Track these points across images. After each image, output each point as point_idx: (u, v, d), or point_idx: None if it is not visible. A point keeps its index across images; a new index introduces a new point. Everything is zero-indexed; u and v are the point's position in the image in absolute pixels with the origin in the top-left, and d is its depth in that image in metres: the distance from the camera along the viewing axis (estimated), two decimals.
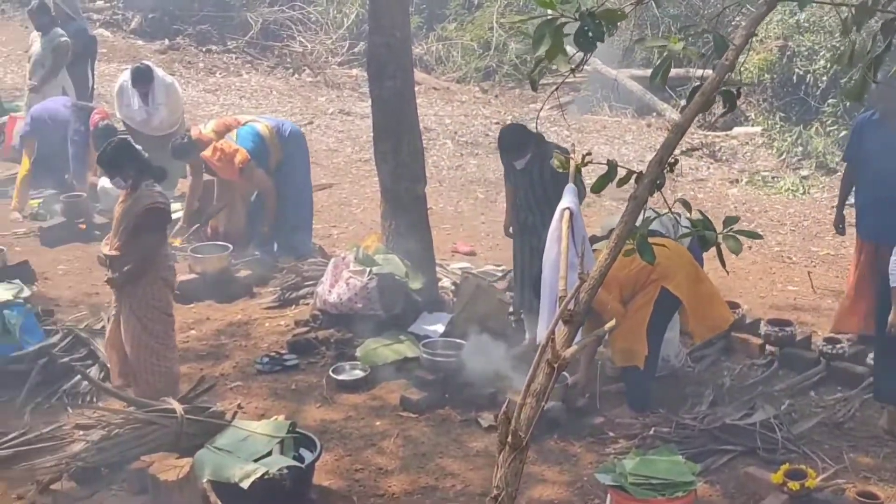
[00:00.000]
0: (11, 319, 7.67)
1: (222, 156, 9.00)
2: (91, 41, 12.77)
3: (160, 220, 6.76)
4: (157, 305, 6.84)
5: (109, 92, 14.57)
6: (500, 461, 2.97)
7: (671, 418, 6.57)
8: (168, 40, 17.48)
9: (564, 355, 2.91)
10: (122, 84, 10.88)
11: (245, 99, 15.27)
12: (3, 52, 16.79)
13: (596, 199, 11.12)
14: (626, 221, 2.95)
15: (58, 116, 10.61)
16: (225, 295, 8.92)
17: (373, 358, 7.47)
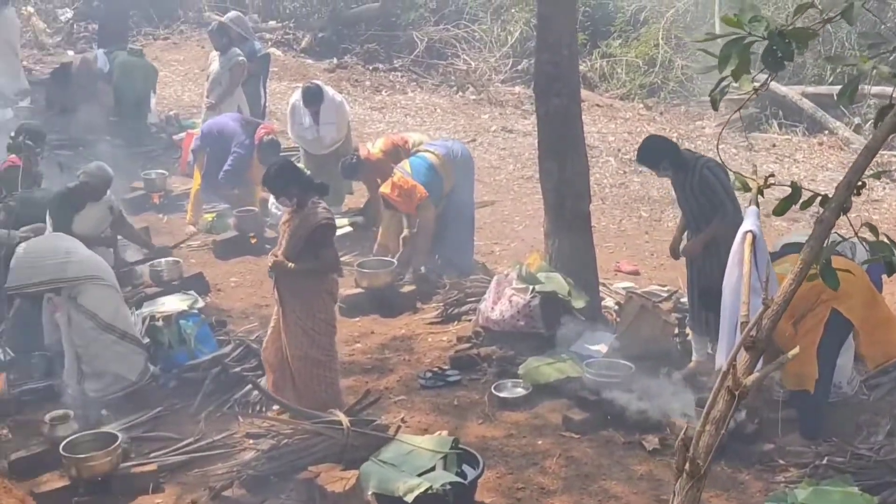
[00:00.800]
0: (187, 329, 7.98)
1: (401, 192, 9.14)
2: (263, 60, 13.19)
3: (331, 234, 6.95)
4: (323, 318, 7.00)
5: (280, 109, 15.03)
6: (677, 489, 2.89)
7: (845, 448, 6.32)
8: (336, 59, 17.88)
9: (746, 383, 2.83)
10: (293, 103, 11.19)
11: (410, 117, 15.48)
12: (181, 70, 17.47)
13: (763, 219, 10.81)
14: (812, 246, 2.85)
15: (225, 130, 10.98)
16: (389, 309, 9.05)
17: (535, 376, 7.45)
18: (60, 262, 7.39)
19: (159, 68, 16.70)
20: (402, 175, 9.18)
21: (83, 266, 7.46)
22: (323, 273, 6.96)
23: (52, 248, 7.53)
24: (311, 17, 19.45)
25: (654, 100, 16.17)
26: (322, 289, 6.99)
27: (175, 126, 13.62)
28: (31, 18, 17.96)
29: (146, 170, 12.11)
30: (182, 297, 8.82)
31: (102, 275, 7.54)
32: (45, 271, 7.36)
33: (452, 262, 9.52)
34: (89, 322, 7.38)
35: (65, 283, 7.37)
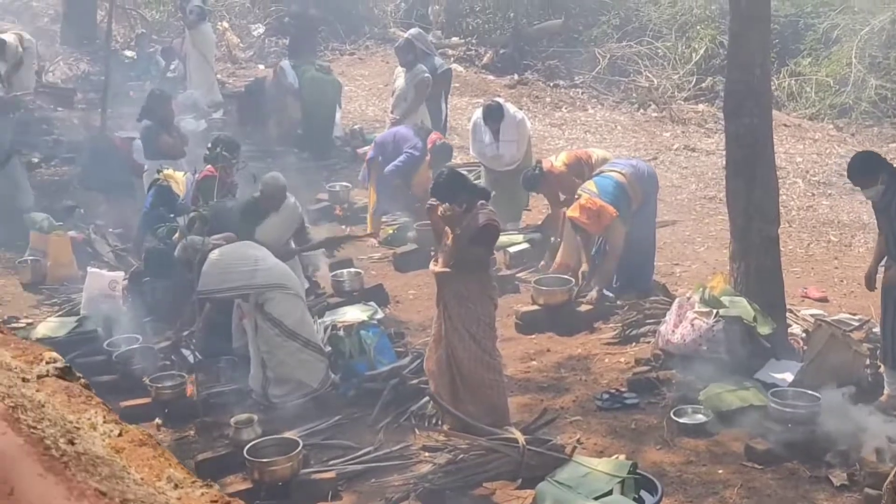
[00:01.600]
0: (367, 340, 8.11)
1: (589, 214, 9.06)
2: (445, 76, 13.34)
3: (493, 236, 6.99)
4: (487, 321, 7.03)
5: (461, 125, 15.18)
6: None
7: None
8: (517, 75, 17.94)
9: None
10: (475, 121, 11.27)
11: (590, 133, 15.38)
12: (366, 85, 17.86)
13: None
14: None
15: (398, 135, 11.16)
16: (566, 328, 8.97)
17: (716, 403, 7.24)
18: (250, 269, 7.64)
19: (345, 83, 17.16)
20: (588, 196, 9.09)
21: (271, 274, 7.69)
22: (475, 271, 6.98)
23: (242, 256, 7.79)
24: (494, 34, 19.59)
25: (846, 120, 15.59)
26: (485, 294, 7.02)
27: (359, 140, 13.92)
28: (226, 33, 18.68)
29: (331, 182, 12.40)
30: (363, 308, 8.99)
31: (289, 283, 7.75)
32: (235, 278, 7.62)
33: (632, 282, 9.38)
34: (275, 329, 7.59)
35: (253, 290, 7.61)
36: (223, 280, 7.63)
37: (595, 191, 9.12)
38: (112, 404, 7.48)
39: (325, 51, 19.16)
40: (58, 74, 17.44)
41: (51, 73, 17.22)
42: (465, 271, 6.95)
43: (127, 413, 7.41)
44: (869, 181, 7.15)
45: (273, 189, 8.66)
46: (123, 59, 16.91)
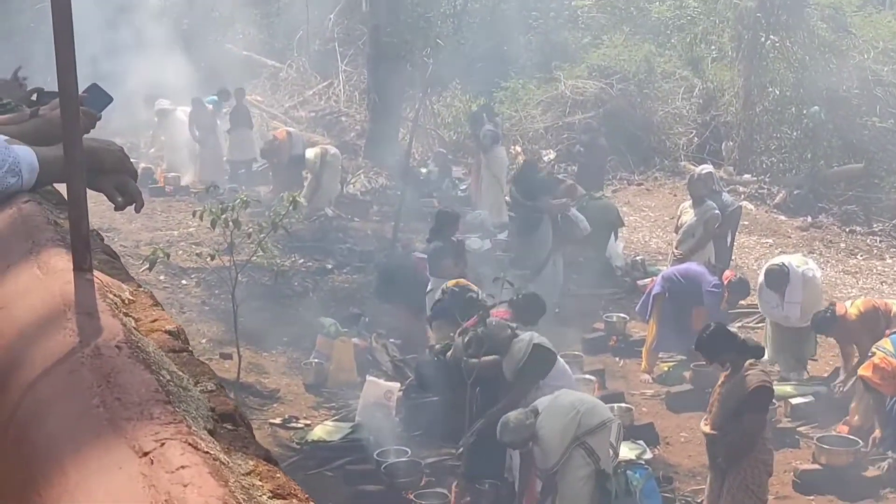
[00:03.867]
0: (634, 481, 7.83)
1: (883, 374, 8.54)
2: (735, 214, 13.05)
3: (766, 399, 6.66)
4: (754, 489, 6.68)
5: (746, 264, 14.78)
6: None
7: None
8: (811, 217, 17.31)
9: None
10: (760, 283, 10.90)
11: (886, 285, 14.54)
12: (651, 216, 17.75)
13: None
14: None
15: (689, 273, 10.90)
16: (850, 493, 8.37)
17: None
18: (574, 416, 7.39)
19: (630, 213, 17.18)
20: (883, 355, 8.55)
21: (595, 411, 7.48)
22: (745, 439, 6.61)
23: (570, 406, 7.49)
24: (788, 173, 19.08)
25: None
26: (756, 458, 6.67)
27: (640, 271, 13.78)
28: (518, 157, 19.17)
29: (608, 312, 12.31)
30: (631, 446, 8.76)
31: (608, 418, 7.50)
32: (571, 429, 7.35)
33: None
34: (592, 465, 7.33)
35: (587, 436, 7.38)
36: (562, 443, 7.33)
37: (892, 350, 8.56)
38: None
39: (612, 180, 19.26)
40: (357, 186, 18.40)
41: (351, 184, 18.20)
42: (735, 434, 6.68)
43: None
44: None
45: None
46: (419, 175, 17.66)
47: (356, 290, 13.37)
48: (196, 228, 13.77)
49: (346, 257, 14.45)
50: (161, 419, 1.31)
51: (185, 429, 1.29)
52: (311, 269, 13.86)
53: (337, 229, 15.71)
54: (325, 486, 8.28)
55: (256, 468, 1.35)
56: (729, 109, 20.70)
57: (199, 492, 1.15)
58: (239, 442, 1.47)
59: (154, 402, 1.36)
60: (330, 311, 12.00)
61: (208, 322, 11.97)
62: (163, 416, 1.32)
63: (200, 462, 1.21)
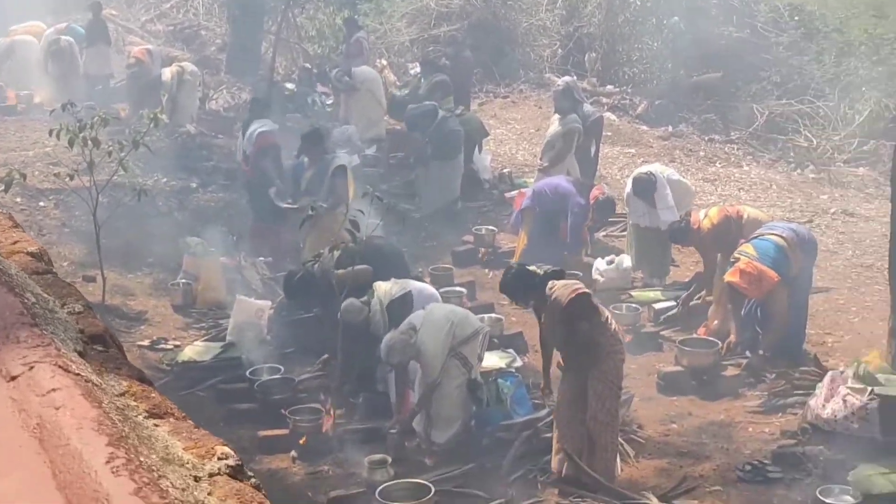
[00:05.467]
0: (505, 389, 8.01)
1: (750, 279, 8.83)
2: (596, 124, 13.23)
3: (583, 305, 6.96)
4: (611, 379, 6.94)
5: (611, 174, 15.06)
6: None
7: None
8: (671, 127, 17.68)
9: None
10: (628, 193, 11.13)
11: (743, 191, 15.00)
12: (517, 129, 17.85)
13: None
14: None
15: (558, 189, 11.05)
16: (709, 392, 8.72)
17: (867, 485, 6.89)
18: (449, 329, 7.67)
19: (497, 126, 17.25)
20: (748, 260, 8.85)
21: (467, 322, 7.81)
22: (591, 349, 6.93)
23: (443, 318, 7.76)
24: (650, 84, 19.39)
25: None
26: (608, 352, 6.92)
27: (507, 184, 13.91)
28: (384, 71, 18.98)
29: (477, 225, 12.42)
30: (501, 355, 8.94)
31: (480, 327, 7.84)
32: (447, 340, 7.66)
33: (782, 350, 9.06)
34: (466, 374, 7.66)
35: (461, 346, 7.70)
36: (443, 355, 7.62)
37: (754, 254, 8.86)
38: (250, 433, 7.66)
39: (479, 93, 19.27)
40: (220, 102, 17.99)
41: (214, 100, 17.77)
42: (579, 349, 6.99)
43: (264, 443, 7.51)
44: None
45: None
46: (284, 90, 17.34)
47: (223, 208, 13.16)
48: (53, 148, 13.25)
49: (211, 175, 14.17)
50: (28, 342, 1.27)
51: (54, 351, 1.25)
52: (176, 188, 13.56)
53: (200, 147, 15.37)
54: (198, 406, 8.21)
55: (130, 389, 1.33)
56: (592, 21, 20.84)
57: (72, 413, 1.12)
58: (111, 363, 1.44)
59: (20, 325, 1.31)
60: (196, 230, 11.79)
61: (69, 244, 11.64)
62: (30, 339, 1.28)
63: (72, 384, 1.18)
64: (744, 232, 9.54)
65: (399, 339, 7.52)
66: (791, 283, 8.95)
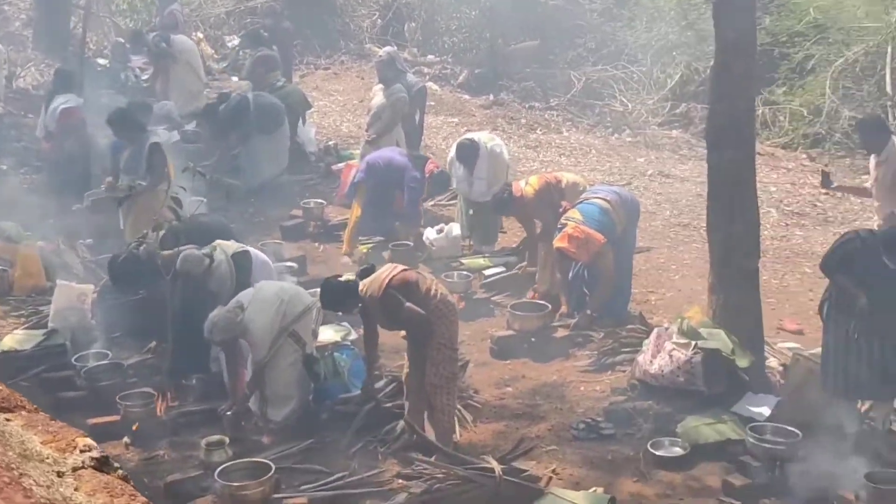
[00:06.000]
0: (341, 362, 7.99)
1: (578, 242, 9.01)
2: (420, 94, 13.26)
3: (401, 288, 7.07)
4: (445, 343, 7.05)
5: (435, 144, 15.13)
6: None
7: None
8: (493, 95, 17.89)
9: None
10: (451, 158, 11.20)
11: (564, 156, 15.33)
12: (340, 101, 17.73)
13: None
14: None
15: (392, 163, 11.03)
16: (541, 354, 8.90)
17: (694, 436, 7.19)
18: (280, 305, 7.56)
19: (319, 98, 17.07)
20: (574, 224, 9.04)
21: (300, 298, 7.71)
22: (420, 324, 7.06)
23: (275, 294, 7.65)
24: (470, 53, 19.54)
25: (819, 151, 15.65)
26: (439, 320, 7.02)
27: (333, 156, 13.80)
28: (200, 44, 18.50)
29: (305, 198, 12.29)
30: (336, 329, 8.88)
31: (313, 304, 7.73)
32: (285, 315, 7.57)
33: (608, 309, 9.32)
34: (298, 350, 7.59)
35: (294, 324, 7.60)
36: (272, 332, 7.49)
37: (580, 218, 9.06)
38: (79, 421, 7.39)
39: (300, 64, 19.02)
40: (29, 80, 17.21)
41: (22, 78, 16.98)
42: (409, 328, 7.26)
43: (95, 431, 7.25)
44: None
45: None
46: (96, 66, 16.67)
47: (36, 189, 12.59)
48: None
49: (23, 156, 13.53)
50: None
51: None
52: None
53: (9, 127, 14.66)
54: (24, 397, 7.85)
55: None
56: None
57: None
58: None
59: None
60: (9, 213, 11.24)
61: None
62: None
63: None
64: (565, 197, 9.74)
65: (224, 317, 7.39)
66: (616, 245, 9.21)
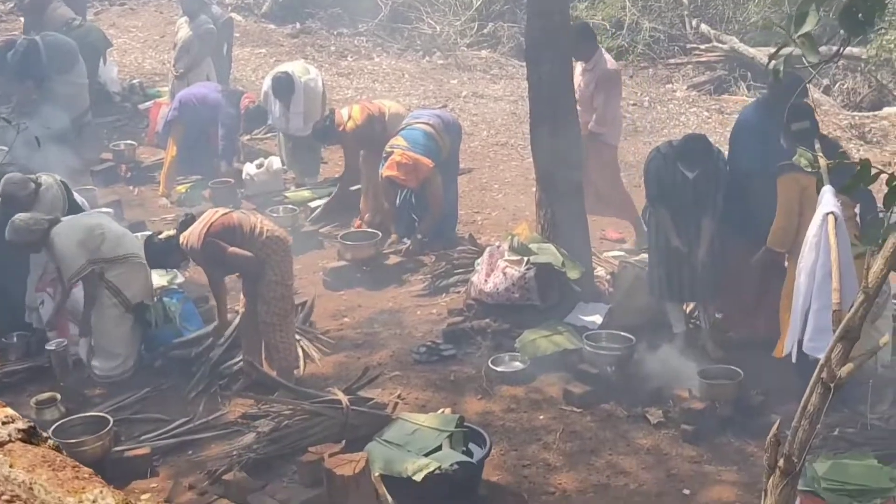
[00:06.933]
0: (171, 307, 7.76)
1: (406, 170, 8.93)
2: (226, 26, 12.85)
3: (221, 239, 6.94)
4: (274, 279, 7.01)
5: (245, 76, 14.75)
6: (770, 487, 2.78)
7: (855, 418, 6.26)
8: (299, 24, 17.51)
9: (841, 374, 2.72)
10: (265, 91, 10.90)
11: (378, 83, 15.20)
12: (140, 37, 17.01)
13: None
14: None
15: (207, 100, 10.68)
16: (375, 282, 8.87)
17: (532, 349, 7.33)
18: (98, 241, 7.30)
19: (117, 35, 16.32)
20: (401, 151, 8.98)
21: (120, 243, 7.42)
22: (248, 267, 7.01)
23: (88, 227, 7.38)
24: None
25: (623, 63, 16.00)
26: (264, 258, 6.92)
27: (139, 95, 13.26)
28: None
29: (114, 141, 11.79)
30: (161, 273, 8.57)
31: (137, 252, 7.44)
32: (91, 250, 7.26)
33: (438, 232, 9.36)
34: (113, 299, 7.33)
35: (106, 262, 7.30)
36: (79, 255, 7.20)
37: (406, 145, 9.01)
38: None
39: (92, 1, 18.10)
40: None
41: None
42: (238, 272, 7.19)
43: None
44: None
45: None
46: None
47: None
48: None
49: None
50: None
51: None
52: None
53: None
54: None
55: None
56: None
57: None
58: None
59: None
60: None
61: None
62: None
63: None
64: (387, 128, 9.66)
65: (24, 219, 7.20)
66: (442, 168, 9.22)
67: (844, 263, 3.38)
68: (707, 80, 15.17)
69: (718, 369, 6.80)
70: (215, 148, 10.77)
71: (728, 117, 13.72)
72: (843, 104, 13.99)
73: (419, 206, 9.34)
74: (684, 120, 13.73)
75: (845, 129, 12.81)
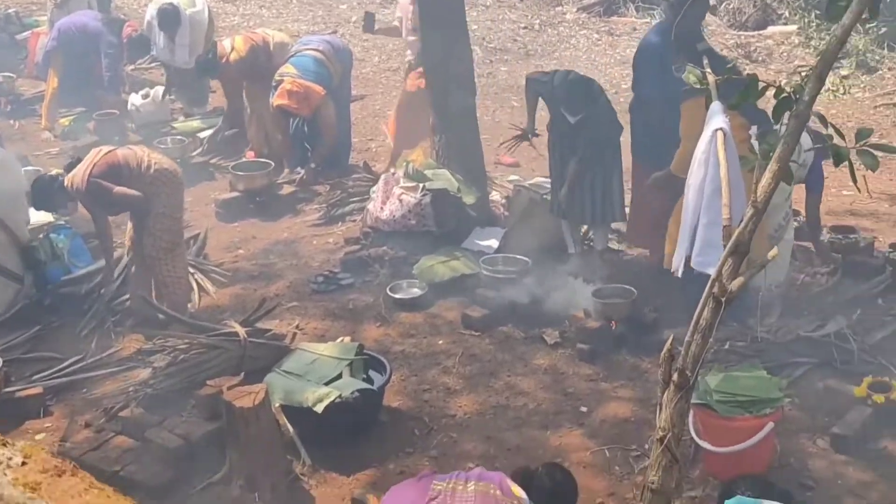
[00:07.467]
0: (59, 243, 7.54)
1: (298, 98, 8.77)
2: None
3: (104, 180, 6.76)
4: (162, 211, 6.87)
5: (127, 4, 14.29)
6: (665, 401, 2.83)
7: (745, 332, 6.43)
8: None
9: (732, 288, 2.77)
10: (149, 21, 10.53)
11: (265, 8, 14.89)
12: None
13: None
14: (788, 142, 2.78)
15: (87, 29, 10.31)
16: (269, 213, 8.77)
17: (430, 275, 7.34)
18: None
19: None
20: (292, 79, 8.81)
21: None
22: (139, 204, 6.86)
23: None
24: None
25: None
26: (151, 194, 6.79)
27: (17, 25, 12.74)
28: None
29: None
30: None
31: None
32: None
33: (332, 161, 9.27)
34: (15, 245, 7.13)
35: None
36: None
37: (296, 72, 8.85)
38: None
39: None
40: None
41: None
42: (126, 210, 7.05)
43: None
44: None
45: None
46: None
47: None
48: None
49: None
50: None
51: None
52: None
53: None
54: None
55: None
56: None
57: None
58: None
59: None
60: None
61: None
62: None
63: None
64: (273, 58, 9.47)
65: None
66: (334, 95, 9.09)
67: (734, 179, 3.43)
68: (596, 2, 15.20)
69: (612, 289, 6.89)
70: (98, 78, 10.42)
71: (617, 39, 13.83)
72: (729, 24, 14.17)
73: (312, 135, 9.22)
74: (575, 42, 13.78)
75: (731, 49, 13.00)
